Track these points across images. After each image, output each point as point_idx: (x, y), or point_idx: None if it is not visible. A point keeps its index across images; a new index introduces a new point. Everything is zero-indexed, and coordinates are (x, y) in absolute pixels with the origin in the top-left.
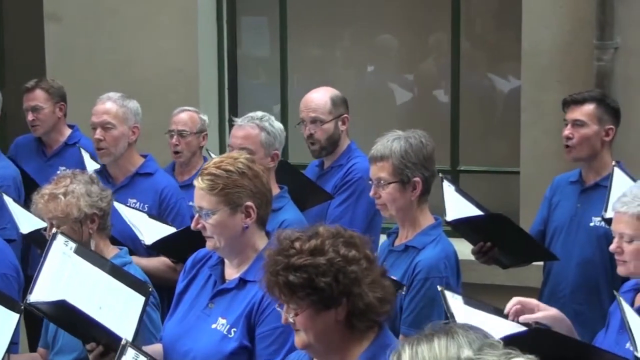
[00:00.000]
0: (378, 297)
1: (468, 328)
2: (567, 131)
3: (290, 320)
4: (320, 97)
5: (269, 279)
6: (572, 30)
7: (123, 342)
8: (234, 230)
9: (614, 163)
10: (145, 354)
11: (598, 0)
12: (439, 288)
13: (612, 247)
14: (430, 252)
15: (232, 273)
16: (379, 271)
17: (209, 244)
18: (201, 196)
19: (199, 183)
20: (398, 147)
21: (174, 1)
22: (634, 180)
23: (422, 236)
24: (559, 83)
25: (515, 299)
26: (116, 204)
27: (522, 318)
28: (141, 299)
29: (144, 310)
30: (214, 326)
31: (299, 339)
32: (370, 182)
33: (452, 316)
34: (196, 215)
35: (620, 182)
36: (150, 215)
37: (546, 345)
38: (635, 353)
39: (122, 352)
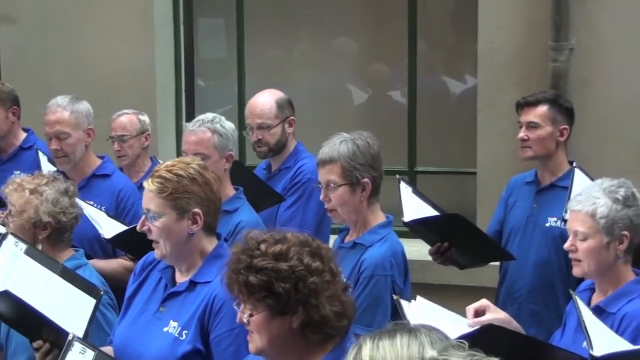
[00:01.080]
0: (335, 311)
1: (430, 328)
2: (522, 133)
3: (244, 320)
4: (265, 102)
5: (230, 275)
6: (527, 31)
7: (70, 336)
8: (179, 236)
9: (574, 164)
10: (92, 347)
11: (553, 2)
12: (395, 297)
13: (566, 245)
14: (377, 250)
15: (182, 276)
16: (341, 286)
17: (156, 252)
18: (149, 198)
19: (148, 185)
20: (345, 149)
21: (131, 2)
22: (592, 179)
23: (371, 234)
24: (515, 84)
25: (478, 303)
26: (76, 200)
27: (472, 321)
28: (92, 302)
29: (94, 313)
30: (165, 329)
31: (253, 344)
32: (319, 185)
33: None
34: (143, 217)
35: (581, 182)
36: (109, 215)
37: (498, 342)
38: (591, 352)
39: (69, 346)
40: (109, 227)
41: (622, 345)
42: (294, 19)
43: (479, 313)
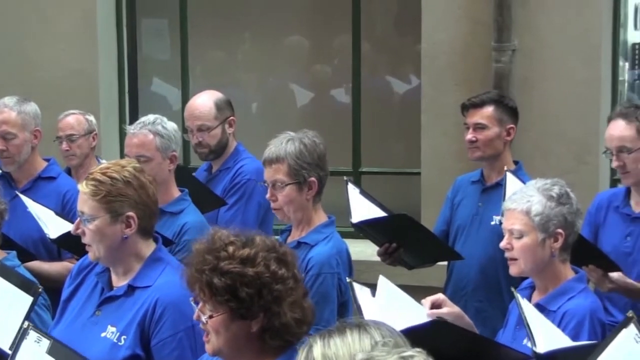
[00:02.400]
0: (296, 318)
1: (377, 323)
2: (469, 135)
3: (203, 320)
4: (204, 104)
5: (193, 274)
6: (470, 32)
7: (25, 324)
8: (113, 239)
9: (506, 168)
10: (48, 336)
11: (496, 3)
12: (348, 280)
13: (502, 244)
14: (322, 249)
15: (119, 280)
16: (302, 291)
17: (90, 255)
18: (83, 201)
19: (82, 187)
20: (293, 148)
21: (73, 3)
22: (525, 183)
23: (315, 233)
24: (458, 84)
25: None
26: (22, 197)
27: (430, 312)
28: (29, 299)
29: (30, 310)
30: (103, 334)
31: (210, 345)
32: (264, 184)
33: (359, 307)
34: (77, 220)
35: (513, 186)
36: (57, 213)
37: (446, 337)
38: (534, 348)
39: (24, 335)
40: (55, 227)
41: (565, 341)
42: (238, 20)
43: (435, 306)
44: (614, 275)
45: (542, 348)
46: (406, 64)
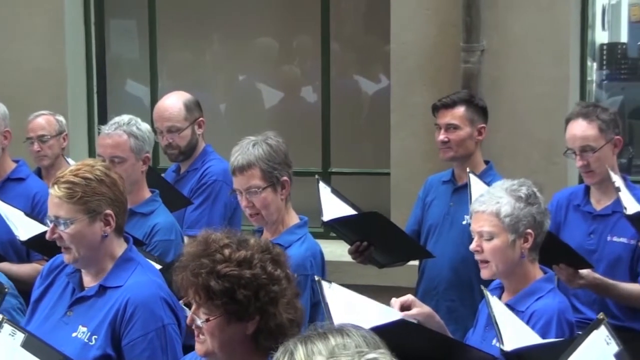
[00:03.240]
0: (290, 318)
1: (358, 327)
2: (442, 136)
3: (198, 323)
4: (173, 105)
5: (188, 278)
6: (439, 33)
7: None
8: (93, 240)
9: (468, 170)
10: (22, 330)
11: (464, 4)
12: (316, 278)
13: (472, 247)
14: (297, 250)
15: (90, 281)
16: (295, 292)
17: (67, 257)
18: (58, 205)
19: (55, 191)
20: (261, 151)
21: (40, 3)
22: (487, 184)
23: (288, 235)
24: (427, 85)
25: (404, 298)
26: None
27: (401, 314)
28: None
29: None
30: (74, 334)
31: (202, 346)
32: (237, 192)
33: (327, 305)
34: (51, 225)
35: (477, 187)
36: (27, 214)
37: (410, 338)
38: (502, 347)
39: None
40: (26, 228)
41: (534, 338)
42: (207, 20)
43: (404, 307)
44: (584, 271)
45: (509, 346)
46: (375, 64)
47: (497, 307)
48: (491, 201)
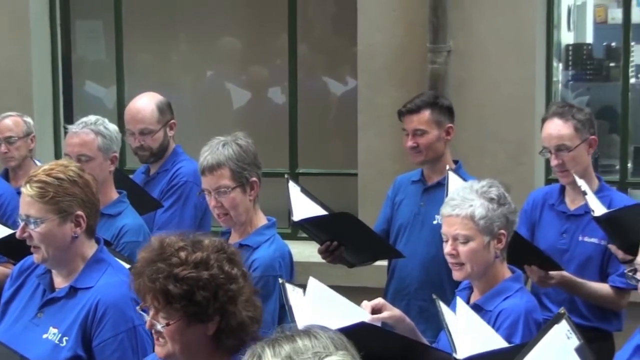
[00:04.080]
0: (250, 316)
1: (325, 328)
2: (410, 142)
3: (159, 328)
4: (146, 107)
5: (145, 284)
6: (405, 33)
7: None
8: (63, 240)
9: (447, 167)
10: None
11: (431, 4)
12: (280, 281)
13: (446, 251)
14: (265, 251)
15: (61, 282)
16: (252, 290)
17: (36, 257)
18: (29, 204)
19: (27, 190)
20: (230, 151)
21: (5, 3)
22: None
23: (257, 236)
24: (394, 85)
25: (375, 301)
26: None
27: (371, 317)
28: None
29: None
30: (45, 336)
31: (162, 349)
32: (206, 192)
33: (290, 308)
34: (22, 224)
35: (456, 186)
36: None
37: (374, 340)
38: (454, 355)
39: None
40: None
41: (498, 342)
42: (173, 21)
43: (375, 310)
44: (554, 272)
45: (462, 354)
46: (343, 65)
47: (448, 314)
48: (464, 204)
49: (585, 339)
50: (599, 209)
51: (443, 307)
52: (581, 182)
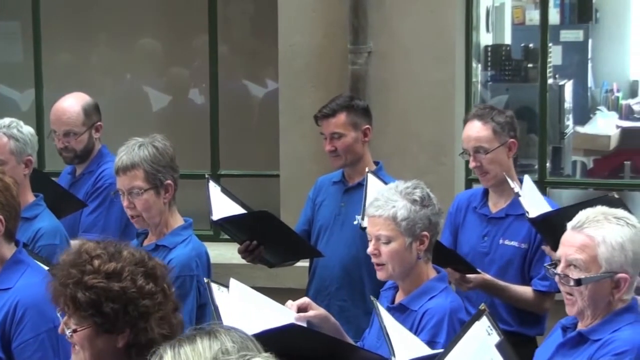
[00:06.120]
0: (163, 334)
1: (229, 328)
2: (328, 146)
3: (67, 333)
4: (71, 109)
5: (57, 287)
6: (326, 35)
7: None
8: None
9: (367, 169)
10: None
11: (351, 5)
12: (206, 280)
13: (369, 250)
14: (182, 251)
15: None
16: (172, 306)
17: None
18: None
19: None
20: (146, 153)
21: None
22: (386, 184)
23: (173, 236)
24: (315, 87)
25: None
26: None
27: (297, 316)
28: None
29: None
30: None
31: (76, 357)
32: (120, 192)
33: (217, 308)
34: None
35: (375, 187)
36: None
37: (301, 341)
38: (393, 358)
39: None
40: None
41: (422, 349)
42: (92, 22)
43: (300, 310)
44: (471, 275)
45: (401, 357)
46: (264, 66)
47: (387, 317)
48: (387, 205)
49: (507, 337)
50: (533, 210)
51: (381, 309)
52: (514, 185)
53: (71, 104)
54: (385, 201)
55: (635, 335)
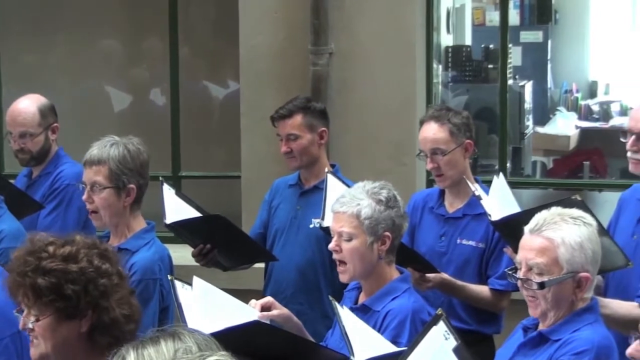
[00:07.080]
0: (124, 314)
1: (192, 330)
2: (284, 147)
3: (30, 325)
4: (27, 110)
5: (15, 279)
6: (287, 36)
7: None
8: None
9: (327, 170)
10: None
11: (312, 6)
12: (170, 277)
13: (331, 246)
14: (144, 254)
15: None
16: (129, 290)
17: None
18: None
19: None
20: (116, 152)
21: None
22: (348, 185)
23: (136, 239)
24: (277, 88)
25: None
26: None
27: (261, 314)
28: None
29: None
30: None
31: (36, 349)
32: (82, 186)
33: (180, 306)
34: None
35: (335, 188)
36: None
37: (264, 338)
38: (352, 358)
39: None
40: None
41: (386, 346)
42: (51, 23)
43: (264, 309)
44: (430, 275)
45: (360, 357)
46: (225, 67)
47: (348, 318)
48: (352, 202)
49: (464, 341)
50: (495, 212)
51: (339, 309)
52: (475, 187)
53: (26, 105)
54: (351, 198)
55: (595, 335)
